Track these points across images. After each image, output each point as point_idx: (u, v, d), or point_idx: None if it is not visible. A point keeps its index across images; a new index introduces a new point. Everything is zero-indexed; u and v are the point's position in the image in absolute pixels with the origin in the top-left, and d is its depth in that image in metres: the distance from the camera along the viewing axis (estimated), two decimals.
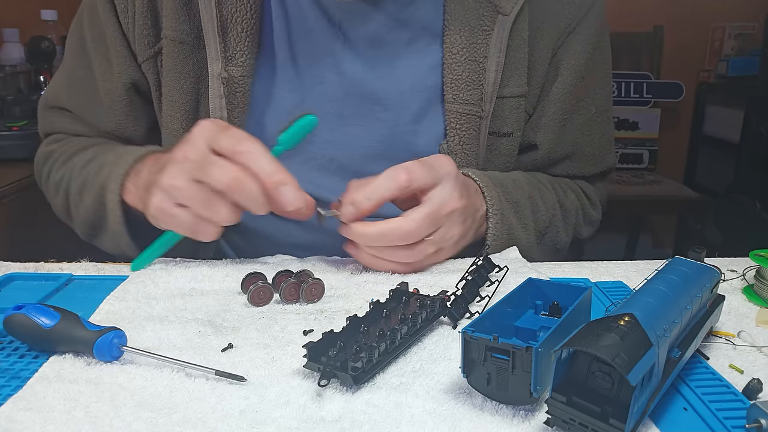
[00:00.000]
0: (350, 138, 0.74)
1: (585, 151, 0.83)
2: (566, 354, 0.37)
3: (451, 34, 0.71)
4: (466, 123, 0.73)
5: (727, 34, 2.33)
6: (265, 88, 0.73)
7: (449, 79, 0.72)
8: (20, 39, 1.81)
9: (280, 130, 0.62)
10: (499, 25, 0.71)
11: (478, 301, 0.56)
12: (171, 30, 0.71)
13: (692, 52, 2.39)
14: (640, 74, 2.36)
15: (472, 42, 0.71)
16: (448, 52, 0.72)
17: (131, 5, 0.73)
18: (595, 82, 0.80)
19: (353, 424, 0.39)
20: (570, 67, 0.77)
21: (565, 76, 0.78)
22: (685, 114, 2.46)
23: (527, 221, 0.73)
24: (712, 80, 2.40)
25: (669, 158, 2.45)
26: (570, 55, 0.77)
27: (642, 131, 2.42)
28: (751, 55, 2.23)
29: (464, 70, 0.72)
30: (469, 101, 0.72)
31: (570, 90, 0.78)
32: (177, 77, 0.73)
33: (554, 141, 0.81)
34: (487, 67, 0.72)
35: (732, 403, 0.41)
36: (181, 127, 0.74)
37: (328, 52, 0.73)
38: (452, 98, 0.72)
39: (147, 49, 0.74)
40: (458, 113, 0.73)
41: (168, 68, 0.73)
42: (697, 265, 0.47)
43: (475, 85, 0.72)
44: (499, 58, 0.72)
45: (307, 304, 0.56)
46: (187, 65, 0.72)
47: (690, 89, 2.40)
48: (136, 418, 0.39)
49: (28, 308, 0.47)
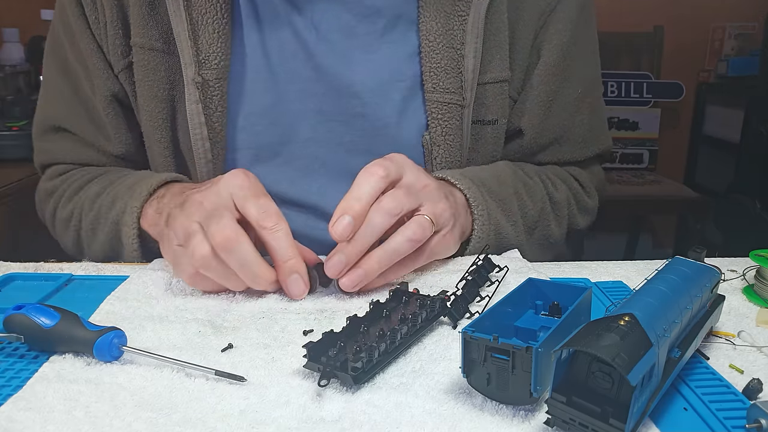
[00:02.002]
0: (332, 134, 0.73)
1: (574, 133, 0.80)
2: (566, 354, 0.37)
3: (427, 21, 0.70)
4: (447, 113, 0.71)
5: (727, 34, 2.33)
6: (240, 89, 0.72)
7: (428, 68, 0.71)
8: (20, 39, 1.81)
9: None
10: (474, 9, 0.69)
11: (478, 301, 0.56)
12: (140, 37, 0.70)
13: (692, 52, 2.39)
14: (640, 74, 2.36)
15: (448, 29, 0.70)
16: (425, 40, 0.70)
17: (102, 15, 0.72)
18: (579, 61, 0.78)
19: (353, 424, 0.39)
20: (552, 47, 0.75)
21: (546, 56, 0.76)
22: (685, 114, 2.46)
23: (515, 218, 0.72)
24: (712, 80, 2.39)
25: (669, 158, 2.45)
26: (551, 35, 0.75)
27: (642, 131, 2.42)
28: (751, 55, 2.23)
29: (443, 58, 0.70)
30: (450, 90, 0.71)
31: (552, 71, 0.76)
32: (150, 86, 0.72)
33: (540, 125, 0.78)
34: (465, 53, 0.70)
35: (732, 403, 0.41)
36: (162, 136, 0.73)
37: (302, 47, 0.71)
38: (432, 87, 0.71)
39: (121, 59, 0.73)
40: (439, 103, 0.71)
41: (140, 77, 0.72)
42: (697, 265, 0.47)
43: (454, 72, 0.71)
44: (476, 43, 0.70)
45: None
46: (159, 72, 0.71)
47: (690, 89, 2.39)
48: (136, 418, 0.39)
49: (28, 308, 0.47)
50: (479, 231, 0.67)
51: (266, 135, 0.72)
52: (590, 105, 0.81)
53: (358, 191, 0.56)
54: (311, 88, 0.72)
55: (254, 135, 0.72)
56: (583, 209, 0.83)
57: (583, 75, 0.79)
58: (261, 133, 0.72)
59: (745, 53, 2.29)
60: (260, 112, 0.72)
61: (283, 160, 0.73)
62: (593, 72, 0.82)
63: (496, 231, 0.69)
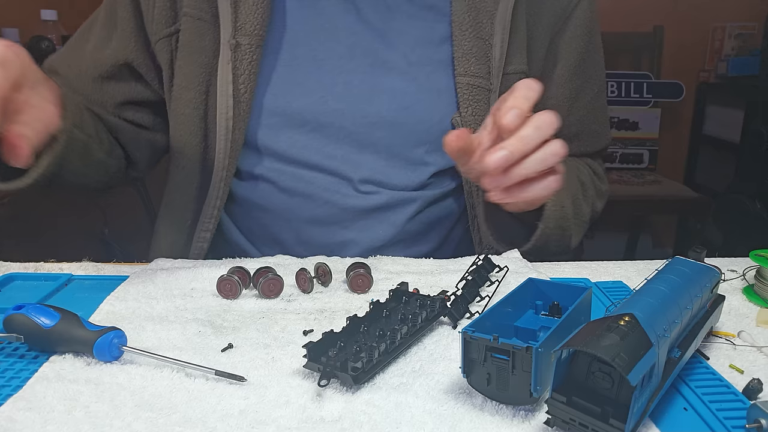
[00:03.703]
0: (358, 108, 0.76)
1: (590, 129, 0.86)
2: (566, 354, 0.37)
3: (458, 14, 0.75)
4: (477, 95, 0.75)
5: (727, 34, 2.33)
6: (275, 59, 0.75)
7: (459, 53, 0.75)
8: (20, 39, 1.81)
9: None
10: (502, 5, 0.74)
11: (478, 301, 0.56)
12: (190, 8, 0.74)
13: (692, 52, 2.39)
14: (640, 74, 2.36)
15: (477, 21, 0.75)
16: (456, 29, 0.75)
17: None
18: (594, 62, 0.83)
19: (353, 424, 0.39)
20: (571, 49, 0.80)
21: (567, 58, 0.80)
22: (685, 114, 2.46)
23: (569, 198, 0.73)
24: (712, 80, 2.39)
25: (669, 158, 2.45)
26: (569, 39, 0.80)
27: (642, 131, 2.42)
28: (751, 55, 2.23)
29: (472, 46, 0.75)
30: (478, 74, 0.75)
31: (574, 71, 0.81)
32: (192, 51, 0.75)
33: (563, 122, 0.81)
34: (494, 44, 0.74)
35: (732, 403, 0.41)
36: (193, 97, 0.76)
37: (340, 24, 0.75)
38: (463, 71, 0.75)
39: (164, 28, 0.76)
40: (469, 85, 0.75)
41: (185, 43, 0.75)
42: (697, 265, 0.47)
43: (483, 60, 0.75)
44: (503, 35, 0.75)
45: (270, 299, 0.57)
46: (204, 40, 0.75)
47: (690, 89, 2.39)
48: (136, 418, 0.39)
49: (28, 308, 0.47)
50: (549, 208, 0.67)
51: (297, 104, 0.75)
52: (602, 103, 0.87)
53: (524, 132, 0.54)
54: (345, 64, 0.75)
55: (285, 102, 0.75)
56: (599, 194, 0.87)
57: (598, 75, 0.84)
58: (292, 102, 0.75)
59: (745, 53, 2.29)
60: (293, 81, 0.75)
61: (311, 128, 0.76)
62: (603, 72, 0.87)
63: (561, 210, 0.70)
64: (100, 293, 0.57)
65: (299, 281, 0.59)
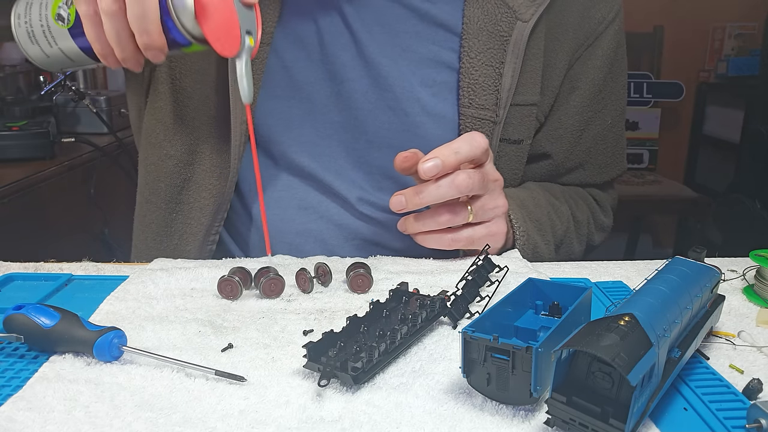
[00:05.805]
0: (358, 122, 0.74)
1: (598, 160, 0.83)
2: (566, 354, 0.37)
3: (469, 38, 0.71)
4: (480, 128, 0.73)
5: (727, 34, 2.33)
6: (282, 61, 0.73)
7: (465, 83, 0.72)
8: None
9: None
10: (517, 31, 0.70)
11: (478, 301, 0.56)
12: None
13: (692, 52, 2.40)
14: (640, 74, 2.36)
15: (489, 47, 0.71)
16: (465, 56, 0.71)
17: None
18: (612, 94, 0.81)
19: (353, 424, 0.39)
20: (589, 80, 0.78)
21: (583, 89, 0.78)
22: (685, 114, 2.46)
23: (548, 238, 0.75)
24: (712, 80, 2.40)
25: (669, 158, 2.45)
26: (589, 69, 0.78)
27: (642, 131, 2.42)
28: (751, 55, 2.23)
29: (480, 75, 0.72)
30: (485, 106, 0.72)
31: (587, 103, 0.79)
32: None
33: (569, 151, 0.81)
34: (504, 72, 0.71)
35: (732, 403, 0.41)
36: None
37: (347, 34, 0.73)
38: (468, 102, 0.72)
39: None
40: (473, 118, 0.73)
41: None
42: (697, 265, 0.47)
43: (491, 90, 0.72)
44: (515, 64, 0.71)
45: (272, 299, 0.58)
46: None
47: (690, 89, 2.40)
48: (136, 418, 0.39)
49: (28, 308, 0.47)
50: (520, 249, 0.70)
51: (298, 108, 0.74)
52: (615, 134, 0.84)
53: (459, 146, 0.61)
54: (347, 74, 0.73)
55: (287, 107, 0.74)
56: (600, 227, 0.86)
57: (614, 107, 0.82)
58: (294, 106, 0.74)
59: (745, 53, 2.29)
60: (295, 86, 0.74)
61: (310, 136, 0.75)
62: (622, 103, 0.84)
63: (533, 250, 0.72)
64: (100, 293, 0.57)
65: (299, 281, 0.59)
